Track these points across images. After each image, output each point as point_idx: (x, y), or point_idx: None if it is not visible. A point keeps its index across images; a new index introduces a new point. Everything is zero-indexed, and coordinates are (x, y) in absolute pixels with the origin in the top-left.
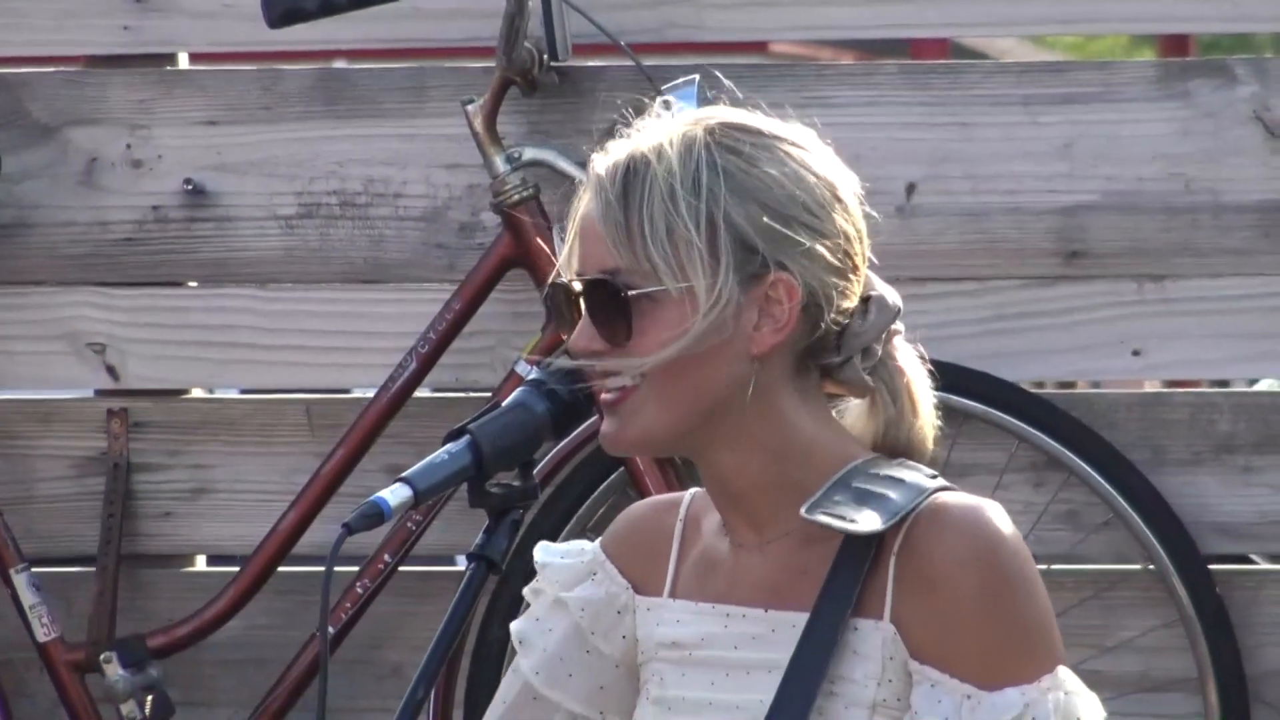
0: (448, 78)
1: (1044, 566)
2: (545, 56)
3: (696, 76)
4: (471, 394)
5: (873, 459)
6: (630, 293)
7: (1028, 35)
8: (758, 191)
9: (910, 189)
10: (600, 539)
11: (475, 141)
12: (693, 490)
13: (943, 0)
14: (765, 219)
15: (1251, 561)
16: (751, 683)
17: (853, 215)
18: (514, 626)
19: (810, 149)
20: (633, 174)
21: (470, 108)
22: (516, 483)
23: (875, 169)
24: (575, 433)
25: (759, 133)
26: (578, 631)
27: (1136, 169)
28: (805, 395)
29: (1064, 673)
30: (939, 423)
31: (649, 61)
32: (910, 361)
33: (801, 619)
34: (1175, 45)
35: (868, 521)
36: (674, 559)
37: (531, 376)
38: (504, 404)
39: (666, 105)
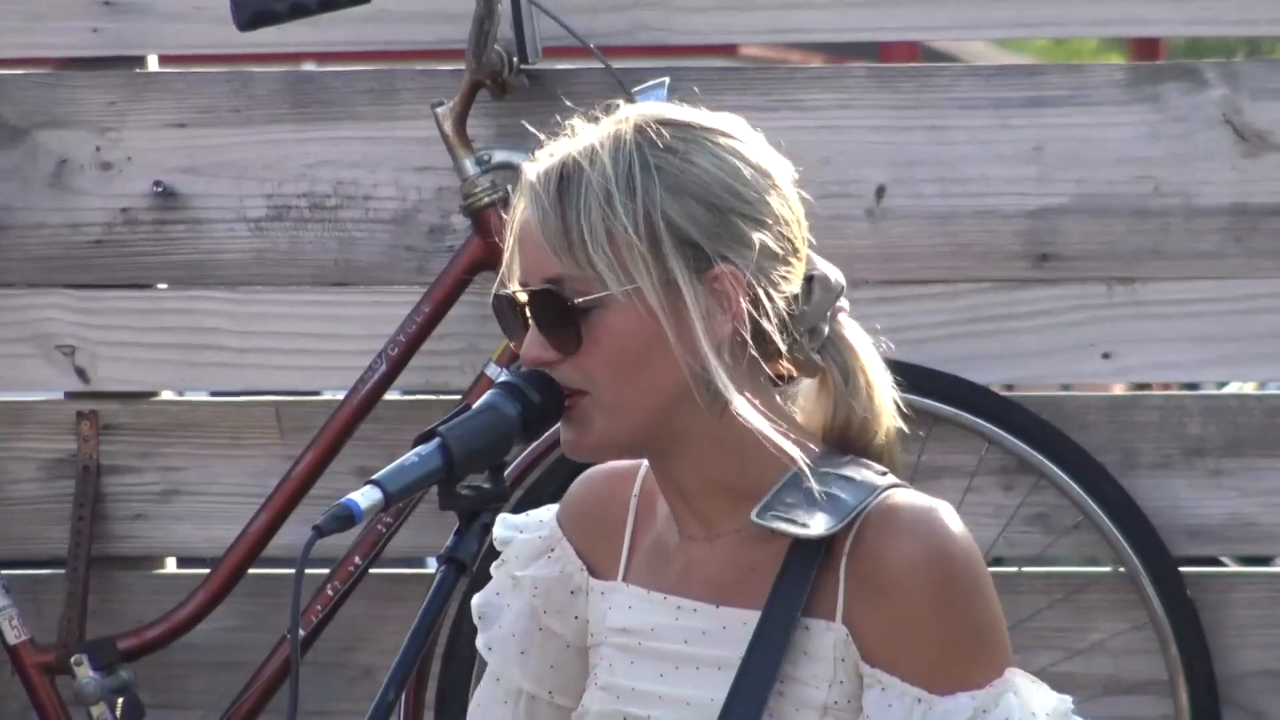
0: (417, 80)
1: (1014, 569)
2: (515, 59)
3: (666, 79)
4: (441, 396)
5: (824, 456)
6: (577, 301)
7: (996, 39)
8: (693, 187)
9: (880, 192)
10: (558, 509)
11: (445, 144)
12: (648, 463)
13: (912, 3)
14: (704, 213)
15: (1221, 564)
16: (701, 678)
17: (789, 200)
18: (475, 601)
19: (742, 138)
20: (566, 180)
21: (440, 110)
22: (487, 485)
23: (845, 172)
24: (546, 435)
25: (688, 126)
26: (531, 610)
27: (1106, 172)
28: (756, 388)
29: (1013, 674)
30: (902, 424)
31: (619, 64)
32: (859, 337)
33: (751, 616)
34: (1145, 49)
35: (818, 524)
36: (628, 540)
37: (502, 379)
38: (474, 406)
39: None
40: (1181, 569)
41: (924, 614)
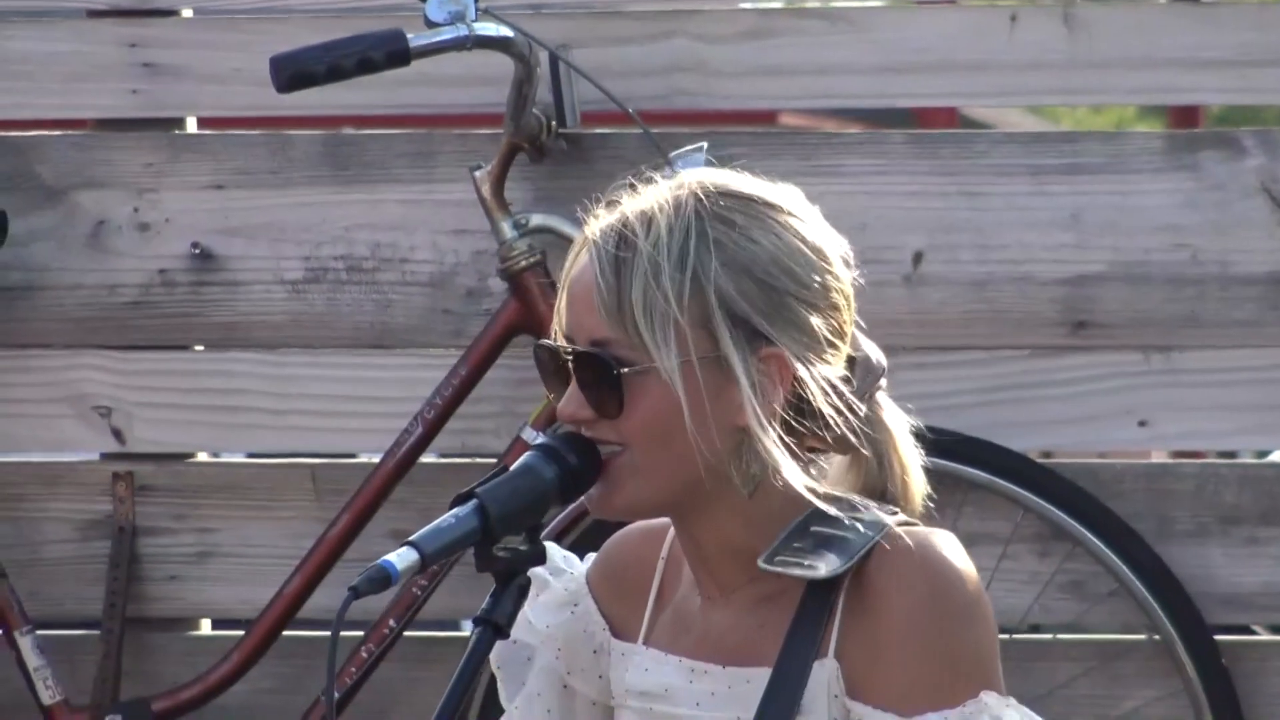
0: (455, 143)
1: (1048, 636)
2: (553, 123)
3: (704, 144)
4: (477, 459)
5: (830, 497)
6: (623, 370)
7: (1034, 106)
8: (750, 264)
9: (917, 258)
10: (589, 566)
11: (483, 207)
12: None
13: (950, 70)
14: (758, 293)
15: (1255, 633)
16: None
17: (842, 281)
18: (493, 654)
19: (801, 215)
20: (624, 245)
21: (478, 174)
22: (524, 547)
23: (882, 238)
24: (583, 497)
25: (750, 199)
26: (554, 670)
27: (1143, 240)
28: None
29: (989, 697)
30: (932, 491)
31: (657, 129)
32: (896, 419)
33: (755, 674)
34: (1184, 117)
35: (826, 565)
36: (651, 602)
37: (539, 441)
38: (511, 468)
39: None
40: (1216, 637)
41: (898, 632)
